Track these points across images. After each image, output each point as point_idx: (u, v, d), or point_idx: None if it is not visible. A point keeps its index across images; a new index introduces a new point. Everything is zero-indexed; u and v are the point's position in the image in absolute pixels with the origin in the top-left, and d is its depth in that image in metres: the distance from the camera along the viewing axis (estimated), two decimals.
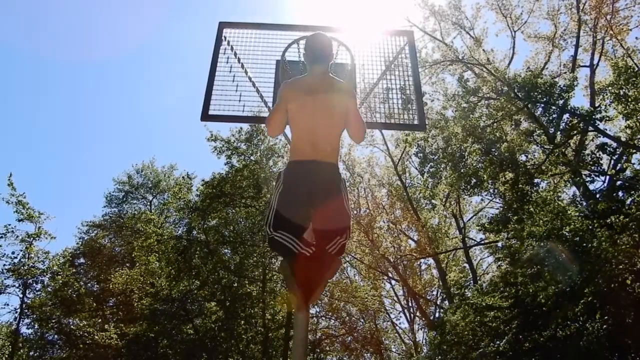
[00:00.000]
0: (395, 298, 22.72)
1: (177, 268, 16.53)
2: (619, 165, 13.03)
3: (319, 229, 2.93)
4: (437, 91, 17.77)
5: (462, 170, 14.08)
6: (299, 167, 3.01)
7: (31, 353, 17.85)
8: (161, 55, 44.34)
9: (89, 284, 21.01)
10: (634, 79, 11.06)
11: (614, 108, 12.12)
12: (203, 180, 17.59)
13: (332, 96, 3.10)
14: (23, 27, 36.33)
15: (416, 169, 19.12)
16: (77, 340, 17.29)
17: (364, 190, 21.84)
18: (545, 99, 12.61)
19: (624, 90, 11.32)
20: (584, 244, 10.39)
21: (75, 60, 39.35)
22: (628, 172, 12.19)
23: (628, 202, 10.94)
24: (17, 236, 16.20)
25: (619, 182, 12.30)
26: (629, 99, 11.17)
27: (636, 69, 11.67)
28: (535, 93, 12.53)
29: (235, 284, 16.78)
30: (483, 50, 17.06)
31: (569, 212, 11.31)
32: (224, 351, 16.36)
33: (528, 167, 13.68)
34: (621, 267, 9.63)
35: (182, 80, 42.89)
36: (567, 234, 10.93)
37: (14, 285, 16.38)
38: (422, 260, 21.30)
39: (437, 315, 20.15)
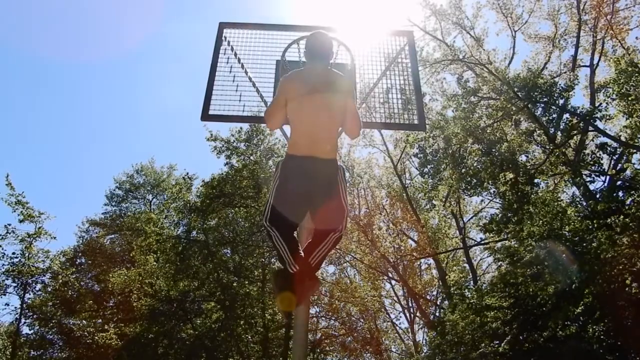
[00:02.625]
0: (395, 298, 22.73)
1: (176, 268, 16.53)
2: (619, 165, 13.02)
3: (314, 225, 3.05)
4: (437, 91, 17.80)
5: (462, 171, 14.08)
6: (297, 162, 3.05)
7: (31, 353, 17.84)
8: (161, 55, 44.36)
9: (89, 284, 21.02)
10: (637, 75, 11.05)
11: (616, 106, 12.12)
12: (203, 180, 17.62)
13: (331, 94, 3.13)
14: (23, 28, 36.35)
15: (416, 169, 19.12)
16: (77, 340, 17.28)
17: (363, 191, 21.84)
18: (545, 99, 12.62)
19: (625, 88, 11.31)
20: (584, 244, 10.39)
21: (76, 60, 39.37)
22: (628, 172, 12.18)
23: (628, 202, 10.93)
24: (17, 236, 16.21)
25: (619, 182, 12.29)
26: (630, 97, 11.17)
27: (638, 68, 11.64)
28: (536, 93, 12.53)
29: (235, 284, 16.77)
30: (483, 49, 17.06)
31: (568, 212, 11.31)
32: (224, 351, 16.35)
33: (528, 167, 13.67)
34: (621, 267, 9.62)
35: (182, 80, 42.91)
36: (567, 234, 10.93)
37: (14, 286, 16.39)
38: (422, 260, 21.31)
39: (437, 315, 20.14)
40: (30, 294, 17.00)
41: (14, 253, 16.22)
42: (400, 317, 22.55)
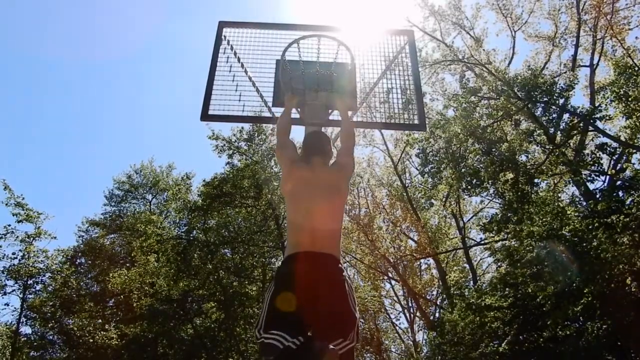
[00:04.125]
0: (395, 298, 22.73)
1: (177, 268, 16.53)
2: (619, 165, 13.02)
3: (318, 333, 2.51)
4: (437, 91, 17.79)
5: (462, 170, 14.07)
6: (295, 261, 2.69)
7: (31, 353, 17.83)
8: (161, 55, 44.35)
9: (89, 284, 21.00)
10: (635, 77, 11.05)
11: (615, 107, 12.11)
12: (204, 180, 17.63)
13: (330, 188, 3.02)
14: (24, 27, 36.35)
15: (416, 169, 19.12)
16: (77, 340, 17.27)
17: (363, 191, 21.85)
18: (545, 99, 12.61)
19: (624, 89, 11.31)
20: (584, 244, 10.39)
21: (76, 60, 39.37)
22: (628, 172, 12.18)
23: (628, 202, 10.93)
24: (17, 237, 16.21)
25: (618, 182, 12.29)
26: (629, 98, 11.17)
27: (637, 68, 11.65)
28: (536, 93, 12.53)
29: (235, 284, 16.77)
30: (483, 49, 17.04)
31: (568, 212, 11.31)
32: (223, 351, 16.34)
33: (528, 167, 13.67)
34: (621, 267, 9.62)
35: (181, 79, 42.91)
36: (566, 234, 10.93)
37: (15, 286, 16.38)
38: (422, 260, 21.30)
39: (437, 315, 20.14)
40: (30, 294, 17.00)
41: (13, 253, 16.25)
42: (400, 317, 22.59)
